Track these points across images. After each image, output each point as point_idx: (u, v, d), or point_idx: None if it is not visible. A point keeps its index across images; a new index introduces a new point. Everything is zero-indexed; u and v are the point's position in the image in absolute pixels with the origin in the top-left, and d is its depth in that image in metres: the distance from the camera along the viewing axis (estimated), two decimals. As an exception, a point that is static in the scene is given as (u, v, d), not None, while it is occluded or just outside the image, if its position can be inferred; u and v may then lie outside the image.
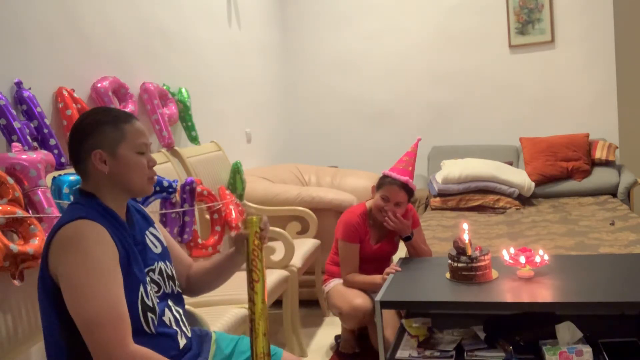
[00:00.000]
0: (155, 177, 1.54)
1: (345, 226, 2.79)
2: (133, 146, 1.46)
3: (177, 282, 1.60)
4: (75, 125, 1.47)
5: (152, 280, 1.48)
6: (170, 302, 1.54)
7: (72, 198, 2.01)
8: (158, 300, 1.47)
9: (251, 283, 1.48)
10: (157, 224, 1.66)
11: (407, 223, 2.76)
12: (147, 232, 1.56)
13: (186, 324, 1.58)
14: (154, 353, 1.33)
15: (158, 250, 1.56)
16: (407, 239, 2.79)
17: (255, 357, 1.43)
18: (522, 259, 2.28)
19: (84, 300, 1.28)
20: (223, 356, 1.64)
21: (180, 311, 1.58)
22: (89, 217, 1.36)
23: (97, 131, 1.43)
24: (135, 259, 1.42)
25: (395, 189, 2.71)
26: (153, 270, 1.50)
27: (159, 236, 1.60)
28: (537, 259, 2.29)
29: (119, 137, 1.44)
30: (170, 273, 1.57)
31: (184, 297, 1.66)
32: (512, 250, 2.38)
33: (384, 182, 2.75)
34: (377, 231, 2.84)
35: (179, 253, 1.72)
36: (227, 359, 1.64)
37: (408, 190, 2.74)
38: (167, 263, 1.58)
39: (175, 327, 1.50)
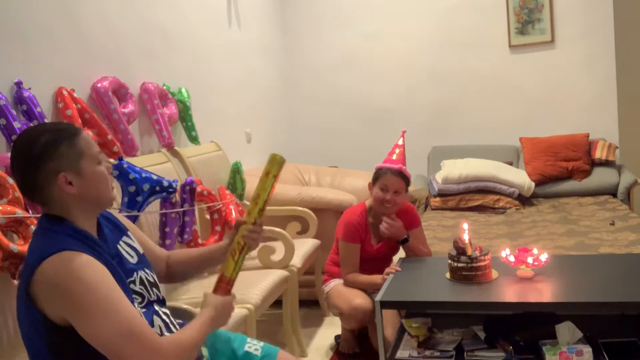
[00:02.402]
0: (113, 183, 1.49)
1: (346, 226, 2.80)
2: (92, 158, 1.40)
3: (160, 288, 1.58)
4: (23, 152, 1.35)
5: (135, 292, 1.46)
6: (156, 308, 1.52)
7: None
8: (145, 310, 1.46)
9: (256, 200, 1.62)
10: (132, 230, 1.62)
11: (400, 225, 2.76)
12: (120, 243, 1.51)
13: (175, 324, 1.57)
14: (180, 334, 1.38)
15: (134, 259, 1.52)
16: (404, 242, 2.79)
17: (226, 268, 1.58)
18: (530, 260, 2.28)
19: (104, 328, 1.26)
20: (218, 352, 1.65)
21: (168, 312, 1.57)
22: (69, 248, 1.30)
23: (54, 153, 1.34)
24: (117, 274, 1.39)
25: (391, 177, 2.74)
26: (133, 282, 1.47)
27: (133, 244, 1.56)
28: (530, 260, 2.29)
29: (78, 154, 1.36)
30: (152, 280, 1.54)
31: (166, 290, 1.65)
32: (507, 251, 2.38)
33: (379, 174, 2.79)
34: (377, 230, 2.84)
35: (152, 248, 1.70)
36: (222, 355, 1.65)
37: (404, 177, 2.79)
38: (147, 270, 1.55)
39: (166, 333, 1.49)
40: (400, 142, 2.88)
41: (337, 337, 3.06)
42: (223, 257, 1.67)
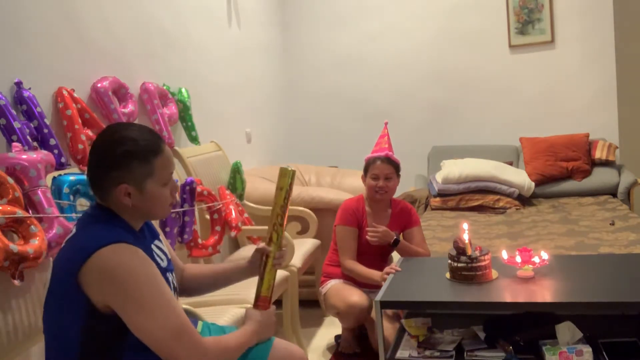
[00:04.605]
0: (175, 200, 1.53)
1: (343, 210, 2.87)
2: (160, 180, 1.43)
3: (178, 294, 1.62)
4: (103, 151, 1.40)
5: None
6: None
7: (84, 205, 2.00)
8: None
9: (275, 225, 1.68)
10: (162, 235, 1.66)
11: (384, 229, 2.76)
12: (152, 246, 1.55)
13: None
14: (225, 337, 1.45)
15: (164, 263, 1.55)
16: (395, 244, 2.79)
17: (261, 287, 1.67)
18: (537, 259, 2.28)
19: (158, 323, 1.30)
20: None
21: None
22: (126, 241, 1.34)
23: (126, 165, 1.38)
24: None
25: (380, 164, 2.82)
26: None
27: (163, 248, 1.60)
28: (537, 260, 2.29)
29: (148, 172, 1.40)
30: (175, 285, 1.58)
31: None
32: (505, 253, 2.38)
33: (368, 164, 2.87)
34: (375, 219, 2.85)
35: (174, 258, 1.73)
36: None
37: (392, 163, 2.84)
38: (173, 275, 1.59)
39: None
40: (383, 132, 2.98)
41: (337, 337, 3.06)
42: (240, 278, 1.76)
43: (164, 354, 1.33)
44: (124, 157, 1.38)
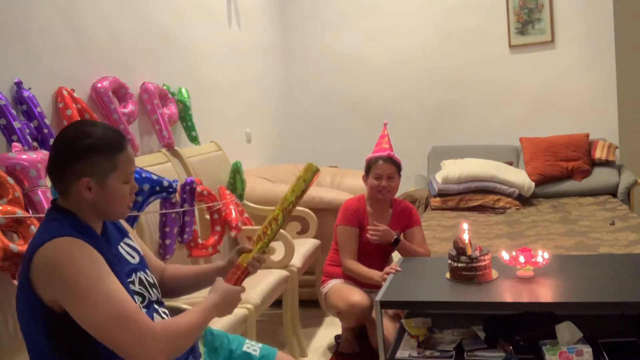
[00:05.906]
0: (132, 203, 1.51)
1: (344, 210, 2.87)
2: (122, 176, 1.42)
3: (159, 290, 1.59)
4: (67, 144, 1.39)
5: (134, 292, 1.46)
6: (156, 307, 1.54)
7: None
8: (146, 310, 1.47)
9: (285, 210, 1.70)
10: (132, 233, 1.64)
11: (385, 228, 2.76)
12: (120, 244, 1.53)
13: None
14: (177, 319, 1.37)
15: (135, 260, 1.54)
16: (395, 243, 2.79)
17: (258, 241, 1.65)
18: (540, 259, 2.28)
19: (96, 309, 1.26)
20: (215, 351, 1.66)
21: (166, 311, 1.59)
22: (66, 234, 1.32)
23: (89, 158, 1.37)
24: (118, 272, 1.39)
25: (383, 164, 2.82)
26: (133, 282, 1.48)
27: (135, 246, 1.58)
28: (540, 259, 2.29)
29: (111, 167, 1.39)
30: (152, 281, 1.56)
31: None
32: (505, 254, 2.38)
33: (370, 164, 2.86)
34: (376, 219, 2.85)
35: (150, 258, 1.70)
36: (220, 355, 1.66)
37: (394, 162, 2.85)
38: (147, 272, 1.56)
39: None
40: (383, 133, 2.98)
41: (337, 337, 3.06)
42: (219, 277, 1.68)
43: (107, 342, 1.28)
44: (88, 150, 1.37)
